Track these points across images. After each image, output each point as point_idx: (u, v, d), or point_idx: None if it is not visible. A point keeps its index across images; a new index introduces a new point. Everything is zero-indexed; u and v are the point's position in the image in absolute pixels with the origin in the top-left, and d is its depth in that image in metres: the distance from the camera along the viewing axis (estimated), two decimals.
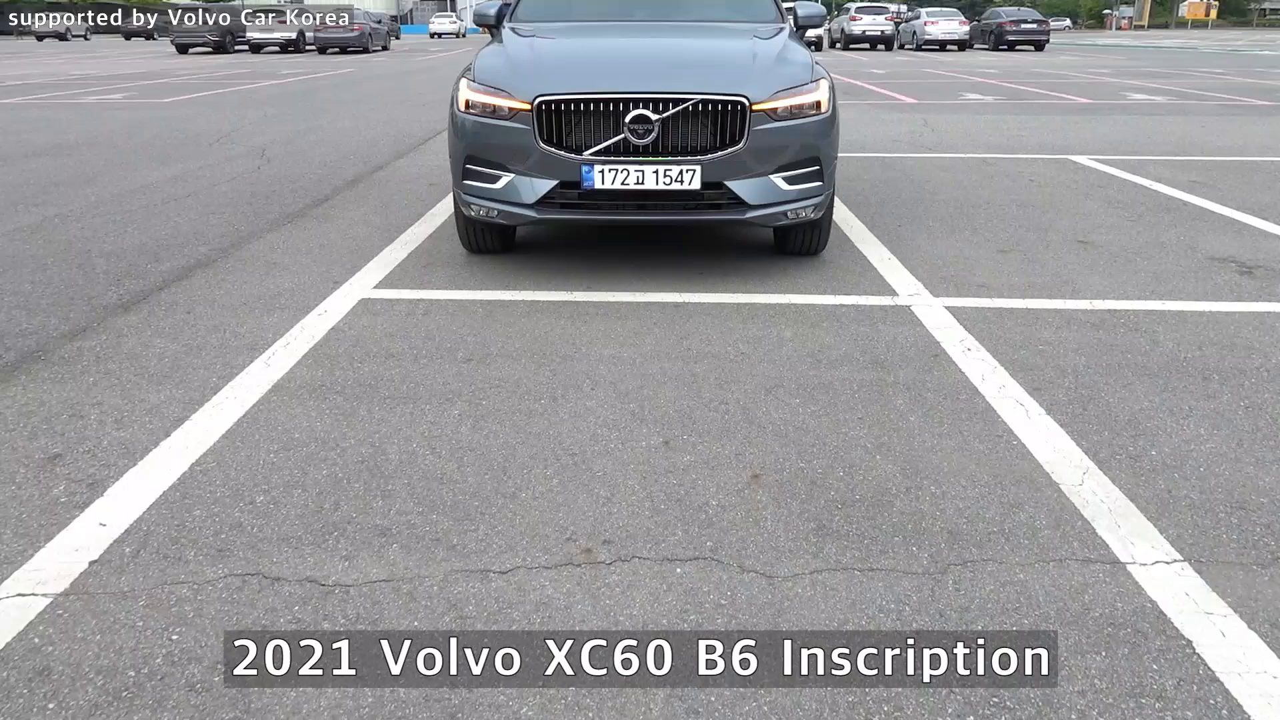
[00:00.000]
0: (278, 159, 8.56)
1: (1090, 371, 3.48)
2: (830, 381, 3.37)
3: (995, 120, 11.76)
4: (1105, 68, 24.38)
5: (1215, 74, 21.49)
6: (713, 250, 5.13)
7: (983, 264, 4.92)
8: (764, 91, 4.24)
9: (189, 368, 3.50)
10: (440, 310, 4.17)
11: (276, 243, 5.40)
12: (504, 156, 4.32)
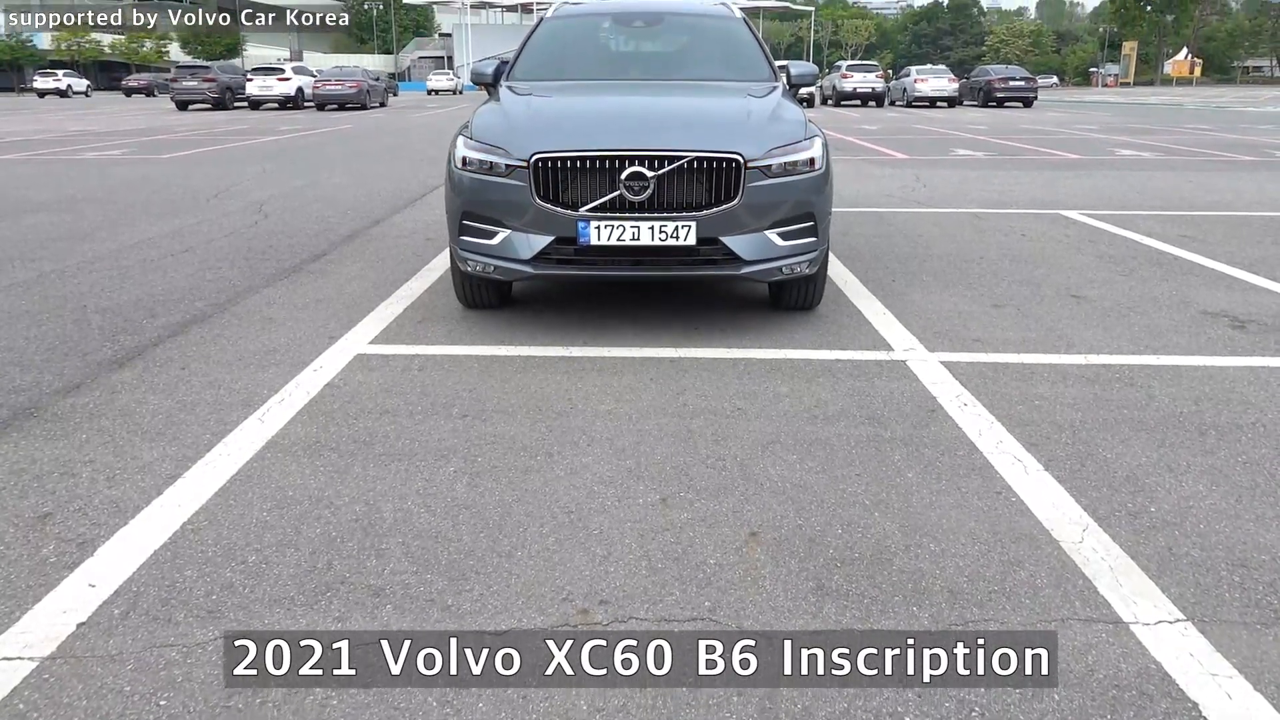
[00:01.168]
0: (275, 214, 8.61)
1: (1087, 427, 3.48)
2: (827, 437, 3.36)
3: (986, 175, 11.90)
4: (1092, 124, 24.76)
5: (1201, 130, 21.83)
6: (708, 305, 5.15)
7: (977, 318, 4.94)
8: (758, 149, 4.29)
9: (183, 424, 3.48)
10: (436, 366, 4.16)
11: (273, 298, 5.41)
12: (500, 213, 4.35)
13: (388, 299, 5.35)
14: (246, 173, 12.31)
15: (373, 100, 36.81)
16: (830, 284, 5.50)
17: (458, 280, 4.94)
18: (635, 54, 6.30)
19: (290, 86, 35.41)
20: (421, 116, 30.15)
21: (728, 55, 5.94)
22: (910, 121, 26.11)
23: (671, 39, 6.34)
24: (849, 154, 14.89)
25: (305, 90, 35.87)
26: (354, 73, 37.77)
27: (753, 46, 5.94)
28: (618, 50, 6.28)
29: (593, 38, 6.30)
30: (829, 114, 30.76)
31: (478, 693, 1.83)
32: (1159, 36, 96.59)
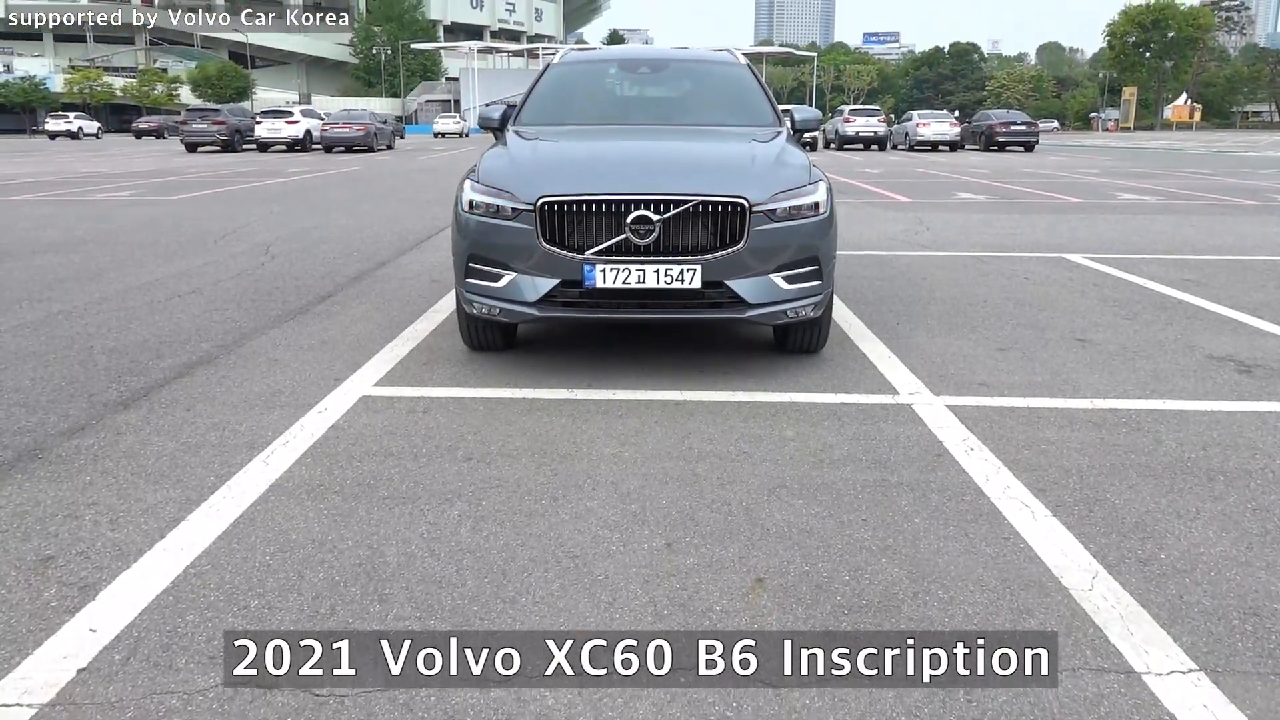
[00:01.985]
0: (282, 255, 8.67)
1: (1094, 472, 3.46)
2: (833, 482, 3.35)
3: (988, 219, 11.96)
4: (1094, 168, 24.94)
5: (1202, 174, 21.97)
6: (713, 347, 5.16)
7: (982, 362, 4.94)
8: (763, 193, 4.32)
9: (187, 466, 3.47)
10: (441, 408, 4.16)
11: (279, 339, 5.43)
12: (506, 255, 4.38)
13: (393, 341, 5.36)
14: (254, 214, 12.41)
15: (380, 143, 37.20)
16: (835, 327, 5.51)
17: (463, 322, 4.96)
18: (641, 99, 6.37)
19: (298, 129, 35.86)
20: (428, 159, 30.45)
21: (733, 101, 6.00)
22: (912, 165, 26.32)
23: (677, 85, 6.42)
24: (852, 197, 14.98)
25: (313, 133, 36.30)
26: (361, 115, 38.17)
27: (757, 92, 6.01)
28: (623, 96, 6.36)
29: (599, 83, 6.38)
30: (832, 157, 31.02)
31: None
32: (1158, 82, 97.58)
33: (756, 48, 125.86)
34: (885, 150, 38.58)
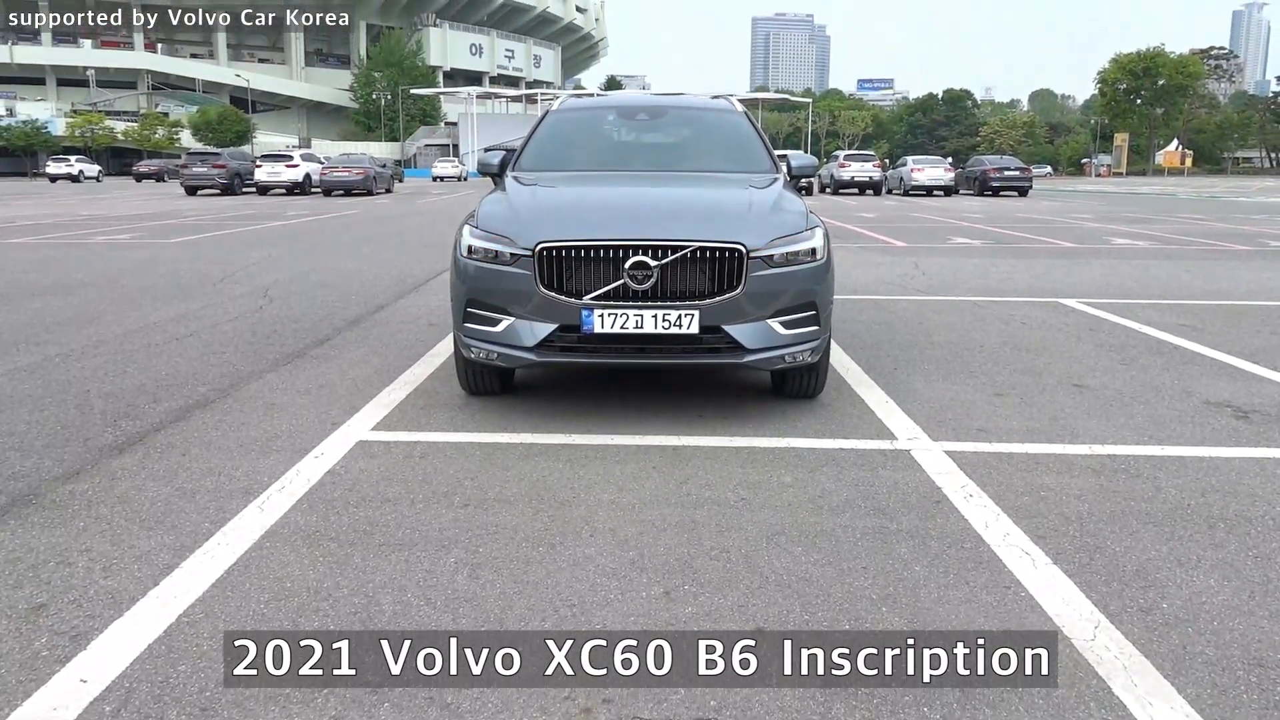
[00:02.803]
0: (280, 298, 8.69)
1: (1094, 519, 3.44)
2: (832, 529, 3.33)
3: (984, 264, 12.03)
4: (1087, 213, 25.15)
5: (1195, 219, 22.16)
6: (710, 392, 5.16)
7: (980, 407, 4.94)
8: (761, 239, 4.35)
9: (181, 512, 3.45)
10: (438, 453, 4.15)
11: (276, 383, 5.42)
12: (505, 300, 4.39)
13: (390, 384, 5.36)
14: (252, 257, 12.46)
15: (379, 186, 37.47)
16: (832, 372, 5.51)
17: (461, 366, 4.96)
18: (639, 146, 6.44)
19: (298, 173, 36.12)
20: (426, 202, 30.65)
21: (730, 147, 6.06)
22: (907, 210, 26.53)
23: (675, 132, 6.49)
24: (848, 241, 15.08)
25: (313, 176, 36.57)
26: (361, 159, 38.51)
27: (754, 139, 6.07)
28: (622, 143, 6.42)
29: (597, 130, 6.45)
30: (827, 202, 31.27)
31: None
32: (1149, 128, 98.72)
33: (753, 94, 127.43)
34: (880, 195, 38.92)
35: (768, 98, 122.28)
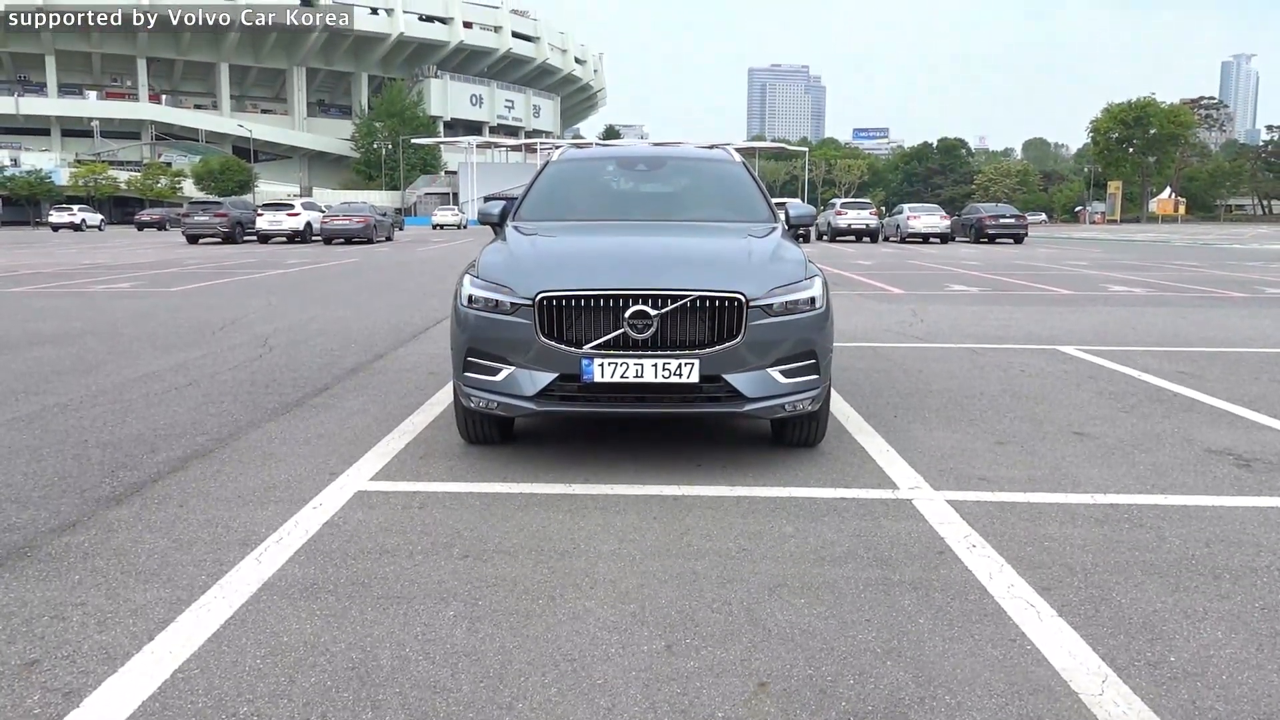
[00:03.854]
0: (280, 347, 8.70)
1: (1099, 569, 3.42)
2: (835, 580, 3.30)
3: (982, 311, 12.07)
4: (1083, 260, 25.30)
5: (1190, 266, 22.29)
6: (711, 441, 5.14)
7: (981, 456, 4.93)
8: (760, 288, 4.37)
9: (178, 565, 3.42)
10: (437, 503, 4.12)
11: (274, 433, 5.40)
12: (505, 350, 4.40)
13: (390, 434, 5.34)
14: (253, 306, 12.49)
15: (379, 235, 37.71)
16: (832, 420, 5.50)
17: (460, 415, 4.95)
18: (638, 196, 6.49)
19: (299, 221, 36.35)
20: (426, 251, 30.82)
21: (728, 197, 6.12)
22: (904, 257, 26.68)
23: (674, 181, 6.55)
24: (845, 288, 15.14)
25: (313, 225, 36.81)
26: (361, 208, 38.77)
27: (752, 189, 6.13)
28: (621, 193, 6.48)
29: (597, 180, 6.51)
30: (824, 249, 31.47)
31: None
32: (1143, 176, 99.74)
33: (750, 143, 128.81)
34: (877, 242, 39.19)
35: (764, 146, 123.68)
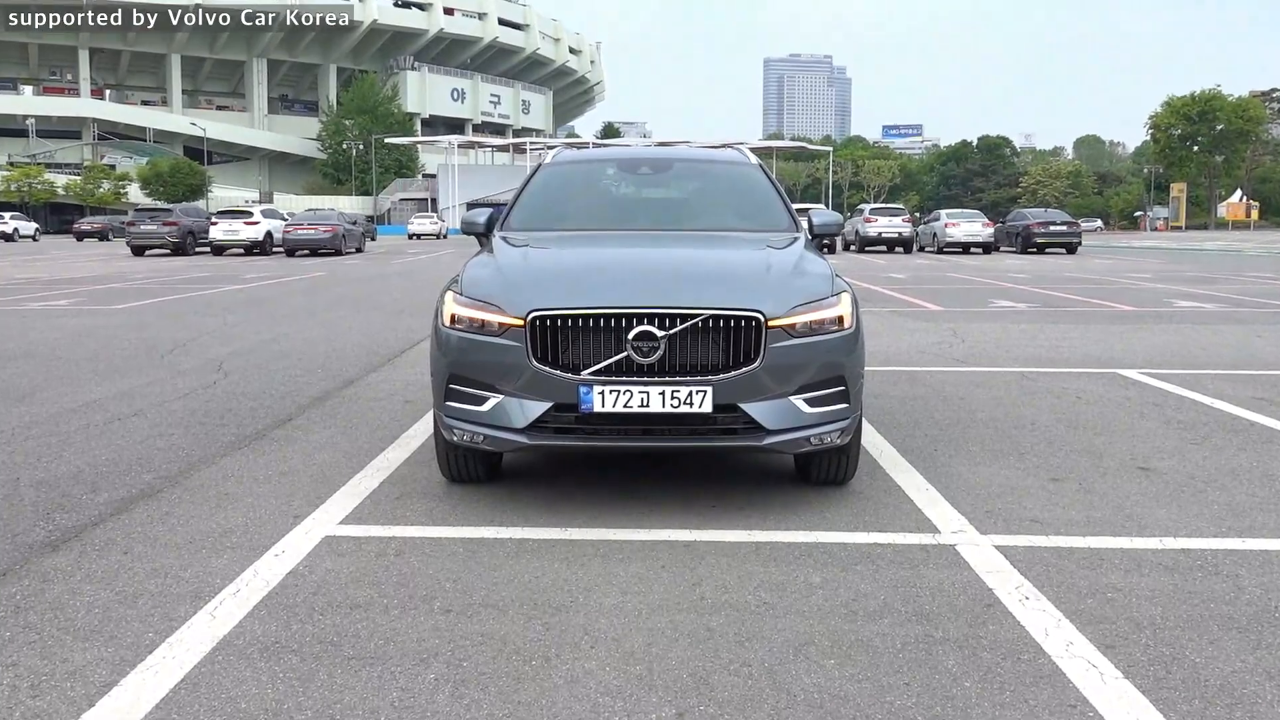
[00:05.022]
0: (237, 372, 8.71)
1: (1169, 625, 3.40)
2: (869, 638, 3.29)
3: (1031, 330, 12.09)
4: (1144, 272, 25.37)
5: (1265, 279, 22.34)
6: (726, 479, 5.14)
7: (1033, 494, 4.92)
8: (781, 306, 4.38)
9: (122, 620, 3.41)
10: (416, 550, 4.11)
11: (230, 469, 5.40)
12: (492, 376, 4.41)
13: (361, 471, 5.34)
14: (206, 325, 12.53)
15: (348, 245, 37.92)
16: (864, 454, 5.49)
17: (441, 450, 4.95)
18: (642, 202, 6.53)
19: (258, 230, 36.55)
20: (402, 263, 30.95)
21: (744, 203, 6.15)
22: (942, 269, 26.76)
23: (682, 186, 6.58)
24: (876, 305, 15.18)
25: (275, 234, 37.01)
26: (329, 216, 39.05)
27: (770, 194, 6.15)
28: (623, 198, 6.51)
29: (596, 185, 6.55)
30: (853, 261, 31.57)
31: None
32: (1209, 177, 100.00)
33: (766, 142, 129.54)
34: (911, 253, 39.32)
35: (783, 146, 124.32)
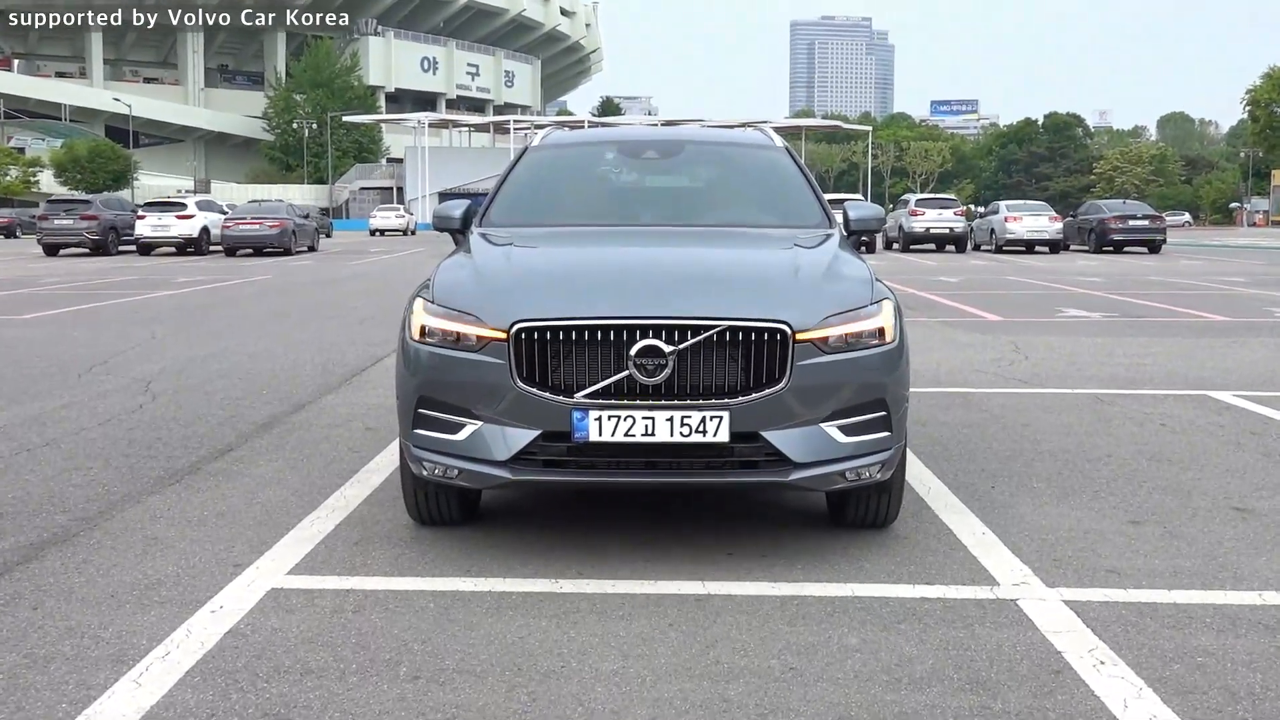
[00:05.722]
0: (167, 394, 8.75)
1: (1271, 695, 3.41)
2: (915, 710, 3.30)
3: (1106, 344, 12.11)
4: (1240, 275, 25.41)
5: None
6: (744, 521, 5.16)
7: (1110, 540, 4.93)
8: (811, 316, 4.39)
9: (30, 689, 3.42)
10: (378, 605, 4.13)
11: (159, 509, 5.43)
12: (469, 399, 4.42)
13: (314, 511, 5.36)
14: (132, 339, 12.58)
15: (299, 243, 38.10)
16: (909, 492, 5.50)
17: (409, 487, 4.96)
18: (647, 192, 6.56)
19: (193, 225, 36.69)
20: (362, 264, 31.05)
21: (767, 194, 6.19)
22: (1002, 271, 26.82)
23: (694, 173, 6.62)
24: (924, 314, 15.21)
25: (212, 230, 37.16)
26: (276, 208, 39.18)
27: (799, 183, 6.18)
28: (625, 188, 6.54)
29: (592, 172, 6.59)
30: (896, 262, 31.65)
31: None
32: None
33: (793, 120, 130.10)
34: (965, 252, 39.41)
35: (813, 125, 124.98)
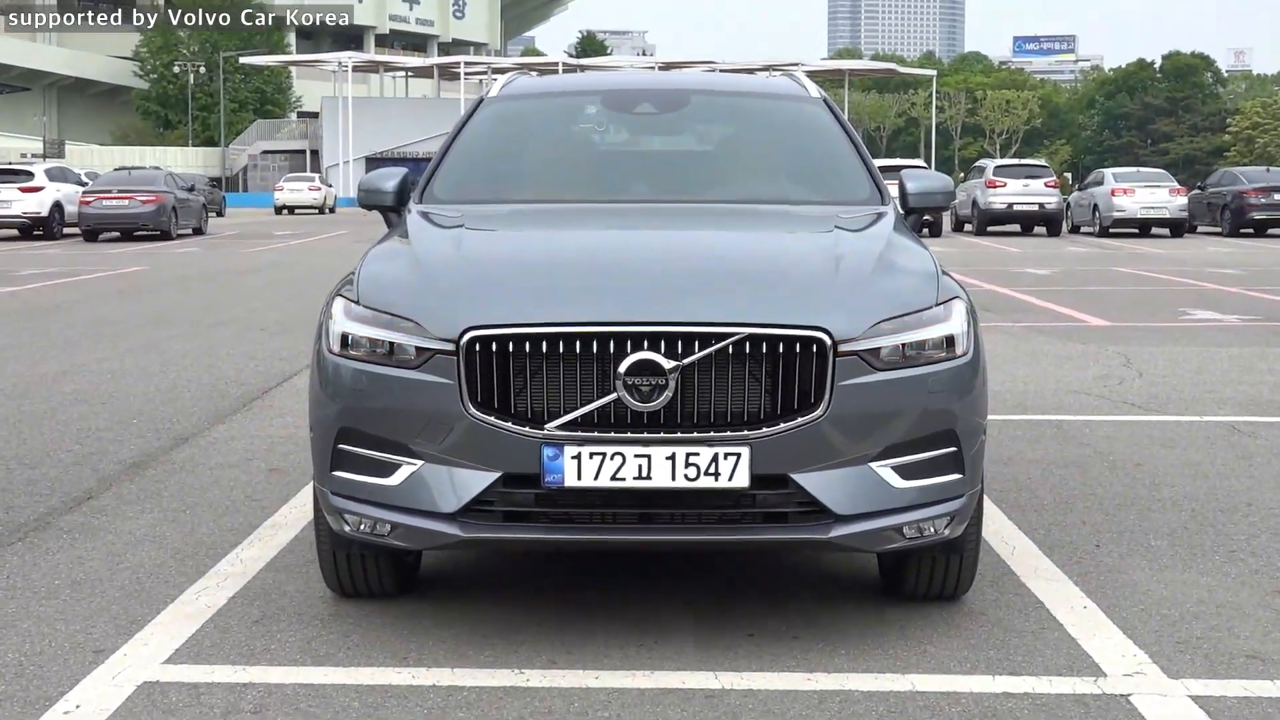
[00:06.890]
0: (4, 425, 8.76)
1: None
2: None
3: (1245, 356, 12.13)
4: None
5: None
6: (769, 592, 5.17)
7: (1251, 617, 4.93)
8: (858, 320, 4.39)
9: None
10: (285, 704, 4.12)
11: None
12: (406, 431, 4.41)
13: (201, 579, 5.35)
14: None
15: (181, 224, 38.05)
16: (987, 552, 5.49)
17: (326, 547, 4.94)
18: (641, 158, 6.55)
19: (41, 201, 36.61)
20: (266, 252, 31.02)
21: (799, 159, 6.20)
22: (1107, 260, 26.86)
23: (703, 133, 6.61)
24: (1005, 317, 15.23)
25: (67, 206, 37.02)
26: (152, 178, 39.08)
27: (841, 145, 6.17)
28: (611, 152, 6.54)
29: (568, 131, 6.58)
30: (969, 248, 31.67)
31: None
32: None
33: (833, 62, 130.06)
34: (1059, 235, 39.42)
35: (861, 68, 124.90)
